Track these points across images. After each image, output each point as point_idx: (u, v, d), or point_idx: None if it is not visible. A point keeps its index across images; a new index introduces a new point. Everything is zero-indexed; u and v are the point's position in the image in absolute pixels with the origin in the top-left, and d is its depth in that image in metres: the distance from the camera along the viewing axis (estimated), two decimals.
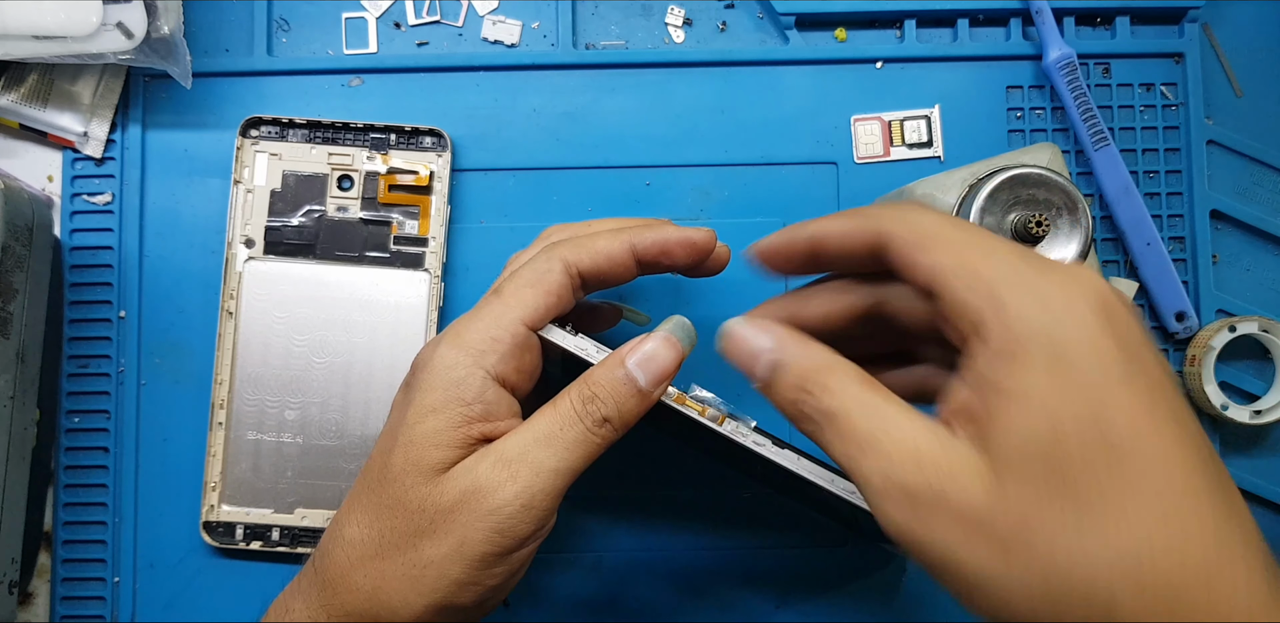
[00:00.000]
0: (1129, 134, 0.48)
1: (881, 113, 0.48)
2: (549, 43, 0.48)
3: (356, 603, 0.32)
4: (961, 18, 0.48)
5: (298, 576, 0.35)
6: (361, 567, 0.32)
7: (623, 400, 0.32)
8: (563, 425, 0.32)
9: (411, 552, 0.31)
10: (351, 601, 0.32)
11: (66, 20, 0.42)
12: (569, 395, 0.33)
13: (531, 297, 0.34)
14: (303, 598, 0.33)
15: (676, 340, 0.33)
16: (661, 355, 0.33)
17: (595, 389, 0.33)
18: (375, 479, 0.33)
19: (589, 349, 0.34)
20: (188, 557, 0.46)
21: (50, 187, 0.48)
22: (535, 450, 0.32)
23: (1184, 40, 0.48)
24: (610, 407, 0.32)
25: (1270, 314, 0.48)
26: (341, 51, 0.48)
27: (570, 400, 0.32)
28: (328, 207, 0.47)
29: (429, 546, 0.31)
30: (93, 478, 0.47)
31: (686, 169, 0.48)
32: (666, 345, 0.33)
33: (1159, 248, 0.47)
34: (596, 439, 0.32)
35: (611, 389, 0.32)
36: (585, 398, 0.32)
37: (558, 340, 0.34)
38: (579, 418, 0.32)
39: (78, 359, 0.47)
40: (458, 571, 0.31)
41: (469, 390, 0.32)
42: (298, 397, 0.46)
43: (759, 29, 0.49)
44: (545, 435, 0.32)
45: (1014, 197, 0.37)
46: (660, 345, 0.33)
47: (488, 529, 0.31)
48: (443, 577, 0.31)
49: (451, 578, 0.31)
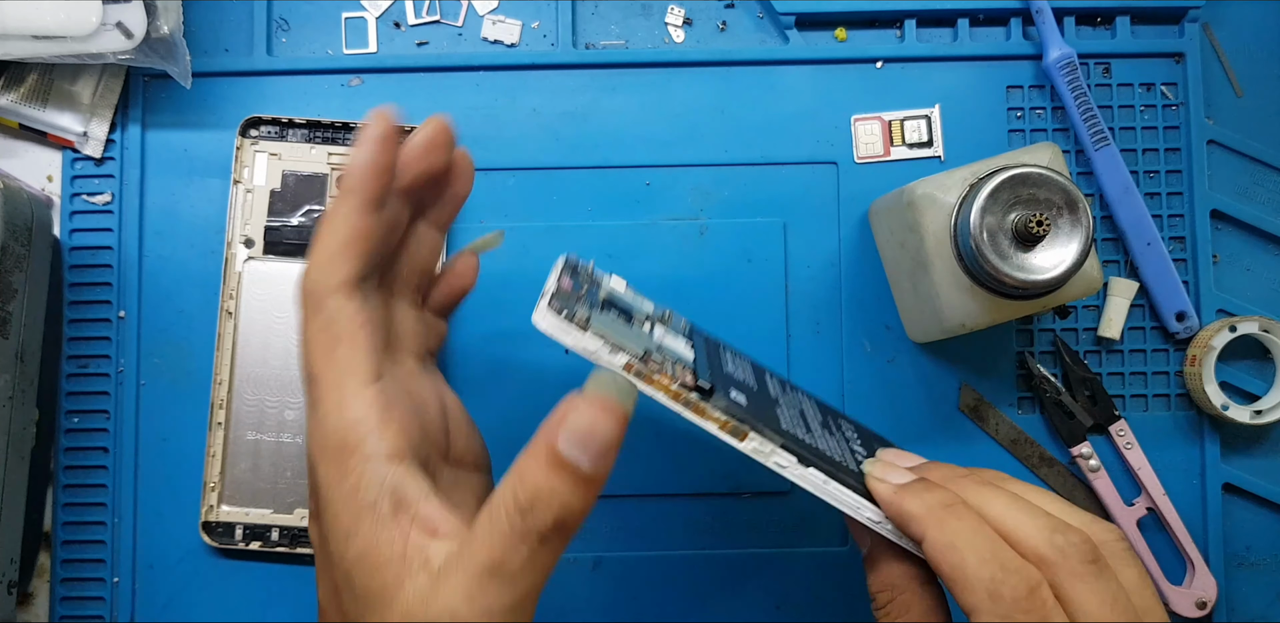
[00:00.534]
0: (1129, 134, 0.48)
1: (882, 112, 0.48)
2: (549, 42, 0.48)
3: None
4: (962, 17, 0.48)
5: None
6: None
7: (567, 499, 0.26)
8: (504, 550, 0.26)
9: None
10: None
11: (66, 20, 0.42)
12: (503, 505, 0.26)
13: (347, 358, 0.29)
14: None
15: (613, 401, 0.27)
16: (600, 427, 0.26)
17: (527, 494, 0.26)
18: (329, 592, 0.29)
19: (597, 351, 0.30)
20: (187, 557, 0.46)
21: (50, 186, 0.48)
22: (481, 595, 0.26)
23: (1184, 40, 0.48)
24: (553, 511, 0.26)
25: (1271, 314, 0.48)
26: (341, 51, 0.48)
27: (505, 514, 0.26)
28: (327, 206, 0.47)
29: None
30: (92, 478, 0.47)
31: (686, 169, 0.48)
32: (603, 412, 0.26)
33: (1159, 248, 0.47)
34: (549, 554, 0.27)
35: (549, 488, 0.26)
36: (521, 509, 0.26)
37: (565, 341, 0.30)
38: (520, 537, 0.26)
39: (77, 359, 0.47)
40: None
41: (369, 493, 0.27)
42: (297, 397, 0.46)
43: (759, 29, 0.49)
44: (487, 568, 0.26)
45: (1014, 196, 0.37)
46: (595, 414, 0.26)
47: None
48: None
49: None
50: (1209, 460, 0.47)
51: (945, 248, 0.40)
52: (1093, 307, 0.48)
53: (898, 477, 0.31)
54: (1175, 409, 0.48)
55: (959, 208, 0.39)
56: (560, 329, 0.29)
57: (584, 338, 0.29)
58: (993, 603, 0.27)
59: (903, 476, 0.32)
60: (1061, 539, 0.28)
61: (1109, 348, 0.48)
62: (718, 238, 0.48)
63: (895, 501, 0.30)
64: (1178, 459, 0.47)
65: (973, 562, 0.28)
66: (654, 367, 0.30)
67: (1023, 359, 0.47)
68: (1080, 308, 0.48)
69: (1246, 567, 0.47)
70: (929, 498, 0.30)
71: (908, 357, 0.47)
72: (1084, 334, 0.48)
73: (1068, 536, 0.28)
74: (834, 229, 0.48)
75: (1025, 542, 0.28)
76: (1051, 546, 0.28)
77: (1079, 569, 0.27)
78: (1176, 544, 0.47)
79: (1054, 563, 0.28)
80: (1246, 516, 0.48)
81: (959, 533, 0.28)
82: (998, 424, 0.47)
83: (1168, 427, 0.48)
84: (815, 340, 0.47)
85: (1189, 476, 0.47)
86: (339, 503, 0.28)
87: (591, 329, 0.29)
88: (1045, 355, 0.48)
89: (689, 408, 0.30)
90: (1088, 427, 0.47)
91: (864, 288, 0.48)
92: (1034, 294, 0.39)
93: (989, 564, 0.27)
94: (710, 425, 0.30)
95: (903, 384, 0.47)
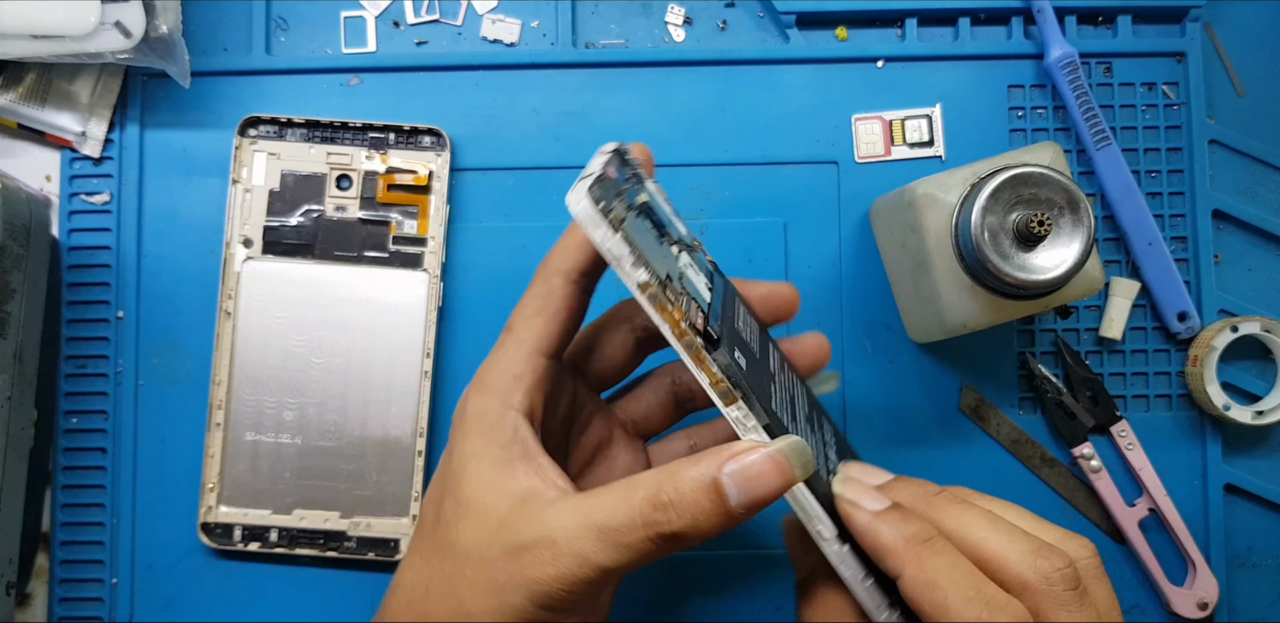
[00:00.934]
0: (1131, 133, 0.48)
1: (882, 112, 0.48)
2: (549, 42, 0.48)
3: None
4: (963, 16, 0.48)
5: None
6: (409, 610, 0.31)
7: (702, 518, 0.27)
8: (623, 525, 0.28)
9: (453, 600, 0.30)
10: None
11: (65, 19, 0.42)
12: (644, 490, 0.28)
13: (542, 325, 0.33)
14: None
15: (789, 464, 0.27)
16: (766, 478, 0.27)
17: (671, 495, 0.27)
18: (429, 524, 0.32)
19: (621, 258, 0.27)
20: (186, 558, 0.46)
21: (48, 186, 0.48)
22: (585, 541, 0.28)
23: (1186, 39, 0.48)
24: (684, 522, 0.27)
25: (1272, 314, 0.47)
26: (340, 51, 0.48)
27: (642, 498, 0.28)
28: (326, 206, 0.47)
29: (470, 598, 0.29)
30: (91, 479, 0.46)
31: (686, 169, 0.48)
32: (775, 467, 0.27)
33: (1161, 248, 0.47)
34: (658, 550, 0.28)
35: (693, 501, 0.27)
36: (658, 504, 0.27)
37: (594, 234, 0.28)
38: (642, 525, 0.27)
39: (75, 359, 0.47)
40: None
41: (503, 433, 0.31)
42: (296, 397, 0.46)
43: (759, 28, 0.49)
44: (600, 528, 0.28)
45: (1015, 196, 0.37)
46: (767, 465, 0.27)
47: (527, 599, 0.28)
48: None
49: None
50: (1210, 461, 0.47)
51: (946, 248, 0.40)
52: (1094, 307, 0.48)
53: (872, 502, 0.30)
54: (1177, 410, 0.48)
55: (960, 208, 0.39)
56: (592, 220, 0.27)
57: (613, 239, 0.27)
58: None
59: (877, 501, 0.30)
60: (1046, 565, 0.28)
61: (1110, 348, 0.48)
62: (718, 238, 0.48)
63: (871, 531, 0.29)
64: (1179, 460, 0.47)
65: (957, 601, 0.27)
66: (671, 295, 0.28)
67: (1024, 359, 0.47)
68: (1082, 308, 0.48)
69: (1248, 568, 0.47)
70: (905, 530, 0.29)
71: (908, 357, 0.47)
72: (1085, 334, 0.48)
73: (1051, 561, 0.28)
74: (834, 229, 0.48)
75: (1009, 569, 0.28)
76: (1036, 572, 0.28)
77: (1063, 597, 0.27)
78: (1178, 545, 0.47)
79: (1039, 592, 0.28)
80: (1248, 516, 0.47)
81: (939, 570, 0.28)
82: (999, 425, 0.47)
83: (1169, 427, 0.48)
84: None
85: (1190, 476, 0.47)
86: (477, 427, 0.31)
87: (622, 232, 0.27)
88: (1046, 356, 0.48)
89: (689, 351, 0.28)
90: (1089, 427, 0.47)
91: (864, 288, 0.47)
92: (1035, 294, 0.39)
93: (974, 603, 0.27)
94: (703, 378, 0.28)
95: (903, 385, 0.47)
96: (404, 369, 0.46)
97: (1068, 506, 0.47)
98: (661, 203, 0.34)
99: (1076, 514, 0.47)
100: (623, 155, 0.32)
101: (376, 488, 0.46)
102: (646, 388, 0.38)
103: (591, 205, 0.27)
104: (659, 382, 0.38)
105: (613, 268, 0.28)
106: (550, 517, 0.29)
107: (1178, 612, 0.46)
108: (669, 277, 0.29)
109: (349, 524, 0.45)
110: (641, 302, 0.28)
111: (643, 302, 0.28)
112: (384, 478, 0.46)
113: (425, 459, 0.45)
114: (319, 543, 0.45)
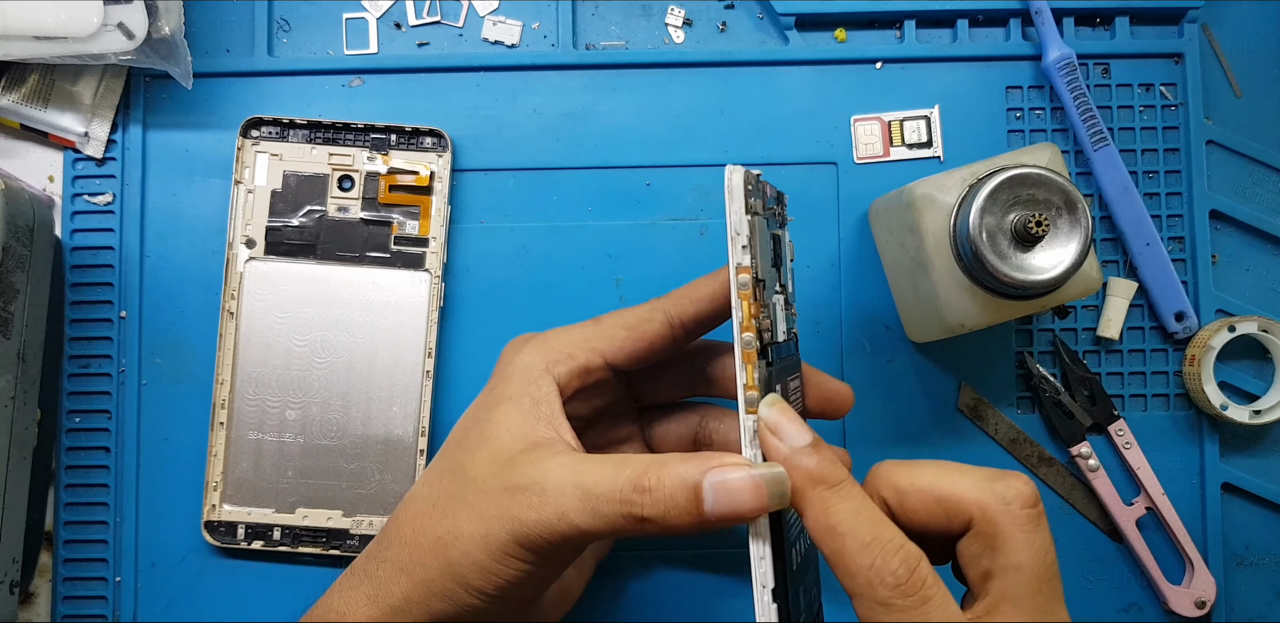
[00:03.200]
0: (1128, 134, 0.48)
1: (881, 113, 0.48)
2: (549, 43, 0.49)
3: (400, 556, 0.33)
4: (961, 18, 0.48)
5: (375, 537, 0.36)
6: (413, 521, 0.33)
7: (674, 512, 0.29)
8: (603, 495, 0.30)
9: (450, 519, 0.32)
10: (397, 554, 0.33)
11: (67, 21, 0.42)
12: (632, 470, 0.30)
13: (624, 338, 0.35)
14: (365, 554, 0.35)
15: (765, 493, 0.28)
16: (742, 497, 0.28)
17: (653, 483, 0.29)
18: (451, 447, 0.35)
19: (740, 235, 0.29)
20: (189, 556, 0.47)
21: (51, 187, 0.48)
22: (569, 498, 0.30)
23: (1183, 40, 0.48)
24: (656, 510, 0.29)
25: (1269, 314, 0.48)
26: (342, 52, 0.48)
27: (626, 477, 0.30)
28: (328, 207, 0.47)
29: (465, 520, 0.32)
30: (94, 478, 0.47)
31: (686, 169, 0.48)
32: (753, 490, 0.28)
33: (1158, 248, 0.47)
34: (628, 528, 0.30)
35: (670, 494, 0.29)
36: (638, 487, 0.29)
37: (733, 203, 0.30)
38: (619, 501, 0.29)
39: (79, 359, 0.47)
40: (479, 552, 0.31)
41: (539, 390, 0.34)
42: (299, 396, 0.46)
43: (759, 29, 0.49)
44: (585, 491, 0.30)
45: (1013, 196, 0.37)
46: (747, 485, 0.28)
47: (508, 533, 0.31)
48: (466, 555, 0.31)
49: (473, 558, 0.31)
50: (1208, 460, 0.47)
51: (945, 248, 0.40)
52: (1092, 307, 0.48)
53: (796, 436, 0.29)
54: (1174, 409, 0.48)
55: (958, 208, 0.39)
56: (738, 192, 0.30)
57: (743, 217, 0.30)
58: (871, 589, 0.27)
59: (801, 434, 0.29)
60: (1001, 486, 0.29)
61: (1108, 348, 0.48)
62: (718, 238, 0.48)
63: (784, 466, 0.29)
64: (1177, 459, 0.47)
65: (853, 547, 0.28)
66: (758, 294, 0.30)
67: (1022, 359, 0.48)
68: (1079, 308, 0.48)
69: (1245, 566, 0.47)
70: (816, 471, 0.29)
71: (907, 356, 0.48)
72: (1083, 334, 0.48)
73: (1006, 481, 0.29)
74: (834, 229, 0.48)
75: (966, 497, 0.29)
76: (993, 495, 0.28)
77: (1020, 515, 0.28)
78: (1175, 544, 0.47)
79: (997, 511, 0.28)
80: (1245, 515, 0.48)
81: (841, 516, 0.28)
82: (997, 424, 0.47)
83: (1167, 427, 0.48)
84: (815, 340, 0.47)
85: (1188, 475, 0.48)
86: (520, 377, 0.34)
87: (753, 218, 0.30)
88: (1044, 355, 0.48)
89: (744, 346, 0.29)
90: (1087, 426, 0.47)
91: (864, 288, 0.48)
92: (1033, 294, 0.39)
93: (869, 550, 0.27)
94: (742, 377, 0.29)
95: (902, 384, 0.47)
96: (405, 369, 0.46)
97: (1065, 504, 0.47)
98: (787, 252, 0.35)
99: (1074, 513, 0.47)
100: (779, 194, 0.36)
101: (378, 487, 0.46)
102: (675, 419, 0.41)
103: (743, 182, 0.30)
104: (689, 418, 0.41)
105: (727, 242, 0.30)
106: (549, 466, 0.31)
107: (1175, 610, 0.46)
108: (763, 282, 0.30)
109: (351, 523, 0.46)
110: (732, 282, 0.30)
111: (733, 282, 0.30)
112: (386, 477, 0.46)
113: (427, 458, 0.46)
114: (322, 541, 0.46)
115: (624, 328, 0.35)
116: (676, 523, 0.29)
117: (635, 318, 0.36)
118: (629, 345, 0.35)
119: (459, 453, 0.34)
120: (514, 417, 0.33)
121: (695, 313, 0.36)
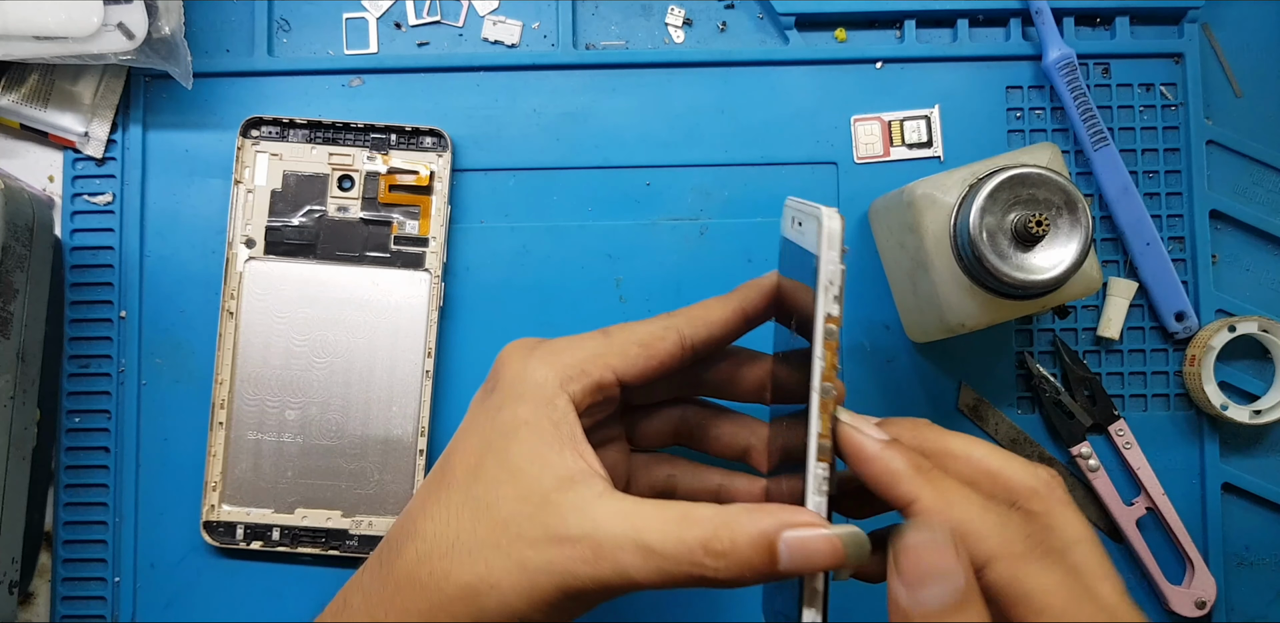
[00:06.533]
0: (1128, 134, 0.48)
1: (881, 113, 0.48)
2: (549, 43, 0.49)
3: (414, 604, 0.31)
4: (961, 18, 0.48)
5: (360, 569, 0.34)
6: (428, 564, 0.31)
7: (749, 574, 0.28)
8: (671, 555, 0.28)
9: (481, 565, 0.30)
10: (411, 600, 0.31)
11: (67, 21, 0.42)
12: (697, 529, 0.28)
13: (637, 355, 0.34)
14: (363, 594, 0.32)
15: (844, 554, 0.28)
16: (819, 557, 0.28)
17: (726, 546, 0.28)
18: (462, 477, 0.32)
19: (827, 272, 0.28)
20: (188, 557, 0.46)
21: (51, 187, 0.48)
22: (628, 554, 0.28)
23: (1183, 40, 0.48)
24: (732, 574, 0.28)
25: (1270, 314, 0.48)
26: (342, 52, 0.48)
27: (695, 538, 0.28)
28: (328, 207, 0.47)
29: (501, 568, 0.30)
30: (93, 478, 0.47)
31: (686, 169, 0.48)
32: (830, 551, 0.28)
33: (1158, 248, 0.47)
34: (692, 584, 0.29)
35: (747, 557, 0.28)
36: (710, 551, 0.28)
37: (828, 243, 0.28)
38: (689, 562, 0.28)
39: (78, 359, 0.47)
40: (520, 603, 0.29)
41: (555, 411, 0.32)
42: (298, 397, 0.46)
43: (759, 29, 0.49)
44: (647, 549, 0.28)
45: (1014, 196, 0.37)
46: (824, 546, 0.28)
47: (557, 587, 0.29)
48: (504, 605, 0.29)
49: (512, 608, 0.29)
50: (1208, 460, 0.47)
51: (945, 248, 0.40)
52: (1092, 307, 0.48)
53: (877, 434, 0.30)
54: (1174, 409, 0.48)
55: (958, 208, 0.39)
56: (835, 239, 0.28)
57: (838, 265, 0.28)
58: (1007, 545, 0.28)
59: (880, 433, 0.30)
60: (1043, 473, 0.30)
61: (1108, 348, 0.48)
62: (718, 238, 0.48)
63: (882, 458, 0.29)
64: (1177, 459, 0.47)
65: (975, 514, 0.28)
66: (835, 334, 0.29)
67: (1022, 359, 0.48)
68: (1079, 308, 0.48)
69: (1246, 566, 0.47)
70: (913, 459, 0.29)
71: (907, 356, 0.48)
72: (1083, 334, 0.48)
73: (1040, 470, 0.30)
74: None
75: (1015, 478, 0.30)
76: (1038, 479, 0.30)
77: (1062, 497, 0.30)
78: (1176, 544, 0.47)
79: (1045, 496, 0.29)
80: (1245, 515, 0.48)
81: (952, 491, 0.29)
82: (997, 424, 0.47)
83: (1167, 427, 0.48)
84: None
85: (1188, 475, 0.47)
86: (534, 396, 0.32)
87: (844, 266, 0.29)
88: (1045, 355, 0.48)
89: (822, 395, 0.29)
90: (1087, 427, 0.47)
91: (864, 288, 0.48)
92: (1033, 294, 0.39)
93: (989, 513, 0.28)
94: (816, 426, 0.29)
95: (902, 384, 0.47)
96: (405, 369, 0.46)
97: None
98: None
99: None
100: None
101: (378, 487, 0.46)
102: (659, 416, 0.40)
103: (840, 229, 0.28)
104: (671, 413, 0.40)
105: (817, 290, 0.28)
106: (599, 516, 0.29)
107: (1176, 611, 0.46)
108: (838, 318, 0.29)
109: (351, 523, 0.46)
110: (818, 331, 0.29)
111: (818, 331, 0.28)
112: (385, 477, 0.46)
113: (426, 458, 0.46)
114: (321, 542, 0.46)
115: (637, 345, 0.34)
116: (749, 581, 0.28)
117: (648, 335, 0.34)
118: (641, 363, 0.34)
119: (477, 485, 0.31)
120: (536, 445, 0.31)
121: (709, 337, 0.35)
